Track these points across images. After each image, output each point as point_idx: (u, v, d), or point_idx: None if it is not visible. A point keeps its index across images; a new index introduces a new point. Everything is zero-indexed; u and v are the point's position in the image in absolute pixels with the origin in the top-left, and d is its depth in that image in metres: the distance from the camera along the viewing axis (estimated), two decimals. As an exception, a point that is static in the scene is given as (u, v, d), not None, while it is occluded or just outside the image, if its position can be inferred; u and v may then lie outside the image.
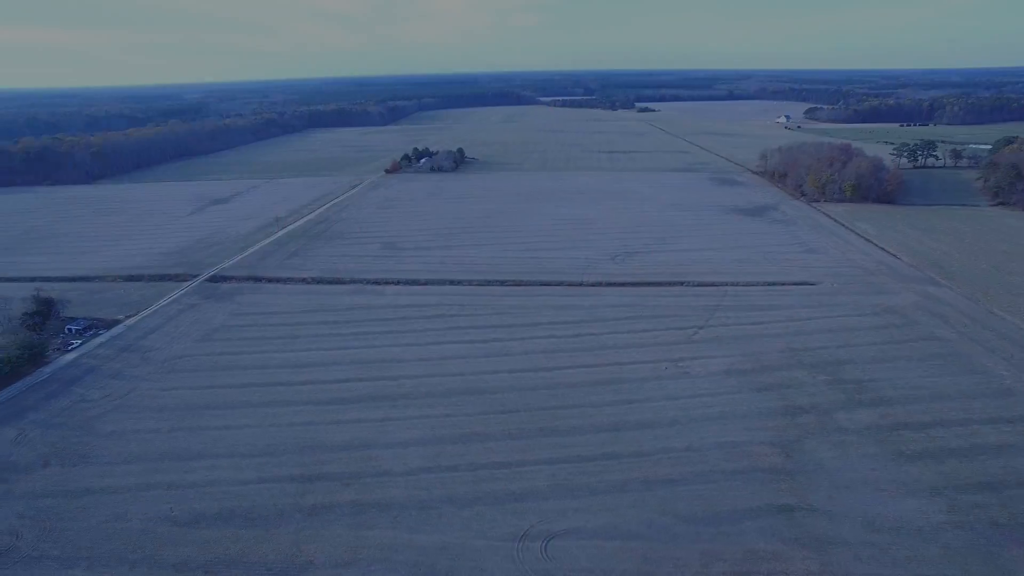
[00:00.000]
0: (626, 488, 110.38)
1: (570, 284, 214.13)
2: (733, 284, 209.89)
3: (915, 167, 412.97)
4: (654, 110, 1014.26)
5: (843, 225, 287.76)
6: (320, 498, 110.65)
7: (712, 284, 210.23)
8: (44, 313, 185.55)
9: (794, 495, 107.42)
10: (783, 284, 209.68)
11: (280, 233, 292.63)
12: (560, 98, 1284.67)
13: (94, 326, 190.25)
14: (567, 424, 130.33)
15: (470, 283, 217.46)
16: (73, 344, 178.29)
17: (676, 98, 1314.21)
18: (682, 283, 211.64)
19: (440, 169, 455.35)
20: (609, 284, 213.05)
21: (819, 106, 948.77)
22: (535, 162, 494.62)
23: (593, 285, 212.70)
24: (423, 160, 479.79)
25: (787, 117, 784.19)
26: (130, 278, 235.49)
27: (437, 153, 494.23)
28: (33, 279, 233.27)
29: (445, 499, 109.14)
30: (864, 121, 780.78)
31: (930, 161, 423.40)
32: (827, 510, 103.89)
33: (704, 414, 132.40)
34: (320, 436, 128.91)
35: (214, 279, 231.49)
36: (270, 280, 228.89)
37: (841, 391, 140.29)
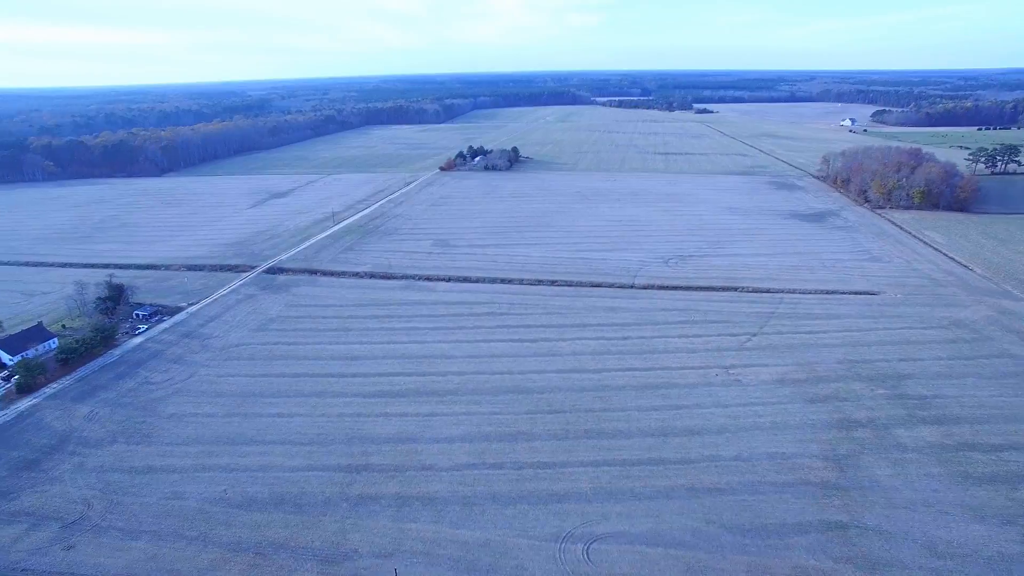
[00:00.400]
0: (671, 495, 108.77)
1: (621, 286, 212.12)
2: (789, 291, 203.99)
3: (993, 174, 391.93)
4: (712, 111, 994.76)
5: (909, 233, 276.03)
6: (365, 489, 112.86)
7: (767, 291, 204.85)
8: (115, 298, 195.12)
9: (847, 512, 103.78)
10: (842, 293, 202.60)
11: (335, 228, 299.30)
12: (616, 98, 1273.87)
13: (159, 312, 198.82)
14: (613, 427, 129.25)
15: (521, 282, 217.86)
16: (140, 329, 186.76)
17: (735, 99, 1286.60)
18: (736, 289, 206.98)
19: (494, 168, 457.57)
20: (661, 287, 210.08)
21: (887, 108, 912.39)
22: (589, 162, 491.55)
23: (644, 288, 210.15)
24: (477, 158, 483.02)
25: (852, 120, 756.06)
26: (193, 267, 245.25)
27: (491, 151, 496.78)
28: (106, 266, 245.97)
29: (488, 496, 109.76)
30: (937, 124, 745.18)
31: (1011, 167, 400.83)
32: (883, 530, 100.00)
33: (754, 423, 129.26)
34: (367, 428, 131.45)
35: (271, 271, 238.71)
36: (324, 273, 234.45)
37: (902, 406, 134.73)
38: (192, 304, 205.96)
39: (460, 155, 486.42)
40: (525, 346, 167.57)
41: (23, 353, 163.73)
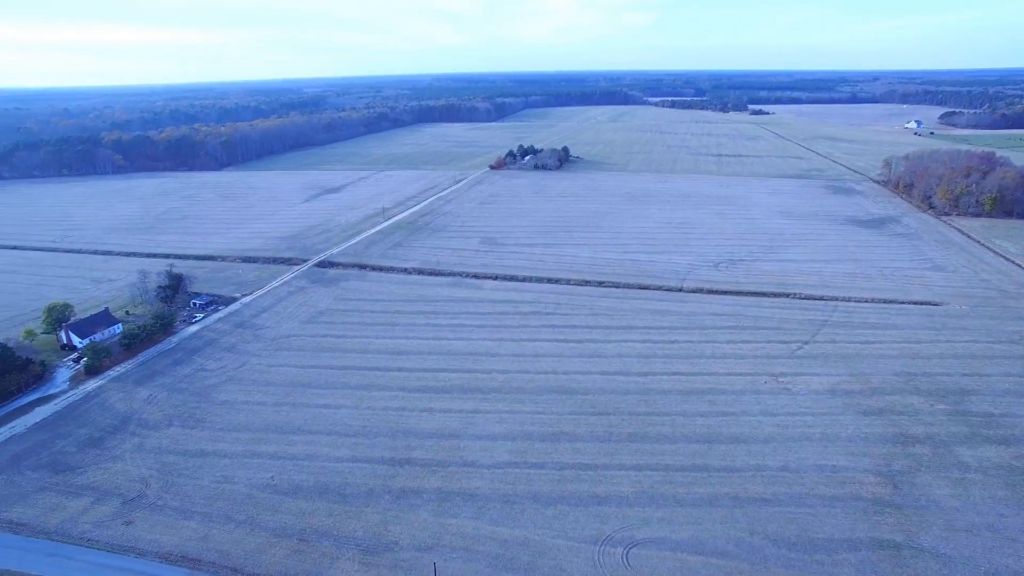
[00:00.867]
0: (714, 503, 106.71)
1: (669, 289, 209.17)
2: (844, 299, 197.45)
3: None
4: (768, 113, 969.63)
5: (978, 242, 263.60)
6: (408, 482, 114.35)
7: (820, 298, 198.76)
8: (174, 287, 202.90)
9: (901, 531, 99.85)
10: (901, 303, 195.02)
11: (385, 224, 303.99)
12: (669, 98, 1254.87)
13: (215, 302, 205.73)
14: (657, 431, 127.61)
15: (568, 282, 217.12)
16: (196, 317, 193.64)
17: (793, 100, 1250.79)
18: (788, 295, 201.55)
19: (544, 167, 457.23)
20: (710, 291, 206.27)
21: (957, 110, 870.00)
22: (640, 163, 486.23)
23: (693, 291, 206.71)
24: (527, 157, 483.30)
25: (917, 122, 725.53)
26: (247, 259, 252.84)
27: (542, 151, 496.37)
28: (167, 256, 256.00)
29: (529, 495, 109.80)
30: (1014, 127, 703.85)
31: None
32: (941, 553, 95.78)
33: (803, 433, 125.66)
34: (411, 422, 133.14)
35: (322, 264, 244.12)
36: (374, 268, 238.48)
37: (964, 423, 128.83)
38: (246, 295, 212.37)
39: (510, 154, 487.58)
40: (570, 346, 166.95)
41: (91, 337, 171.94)
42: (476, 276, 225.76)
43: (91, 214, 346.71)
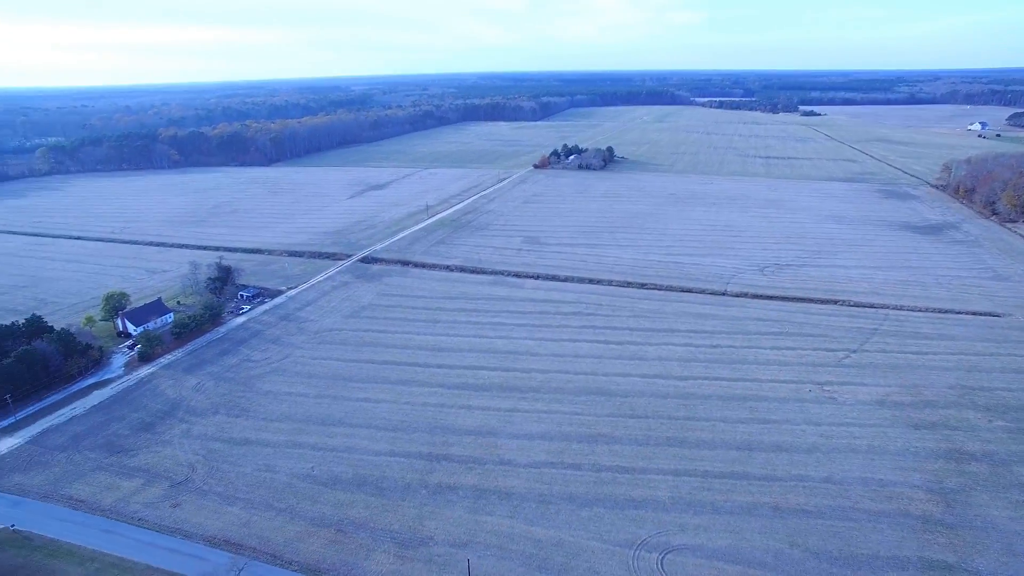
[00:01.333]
0: (753, 512, 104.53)
1: (713, 293, 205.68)
2: (895, 308, 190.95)
3: None
4: (819, 114, 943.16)
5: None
6: (444, 478, 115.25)
7: (871, 305, 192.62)
8: (223, 279, 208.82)
9: (954, 552, 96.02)
10: (958, 313, 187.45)
11: (429, 221, 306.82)
12: (717, 99, 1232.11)
13: (261, 295, 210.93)
14: (696, 437, 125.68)
15: (610, 283, 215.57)
16: (243, 309, 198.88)
17: (847, 101, 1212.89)
18: (836, 302, 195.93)
19: (588, 167, 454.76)
20: (754, 296, 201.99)
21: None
22: (685, 164, 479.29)
23: (737, 296, 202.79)
24: (572, 157, 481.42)
25: (982, 124, 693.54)
26: (293, 253, 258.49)
27: (586, 151, 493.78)
28: (217, 248, 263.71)
29: (565, 496, 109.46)
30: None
31: None
32: None
33: (848, 445, 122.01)
34: (449, 419, 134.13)
35: (366, 260, 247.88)
36: (416, 265, 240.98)
37: None
38: (291, 288, 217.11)
39: (554, 153, 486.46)
40: (610, 348, 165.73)
41: (145, 325, 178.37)
42: (518, 275, 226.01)
43: (147, 207, 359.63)
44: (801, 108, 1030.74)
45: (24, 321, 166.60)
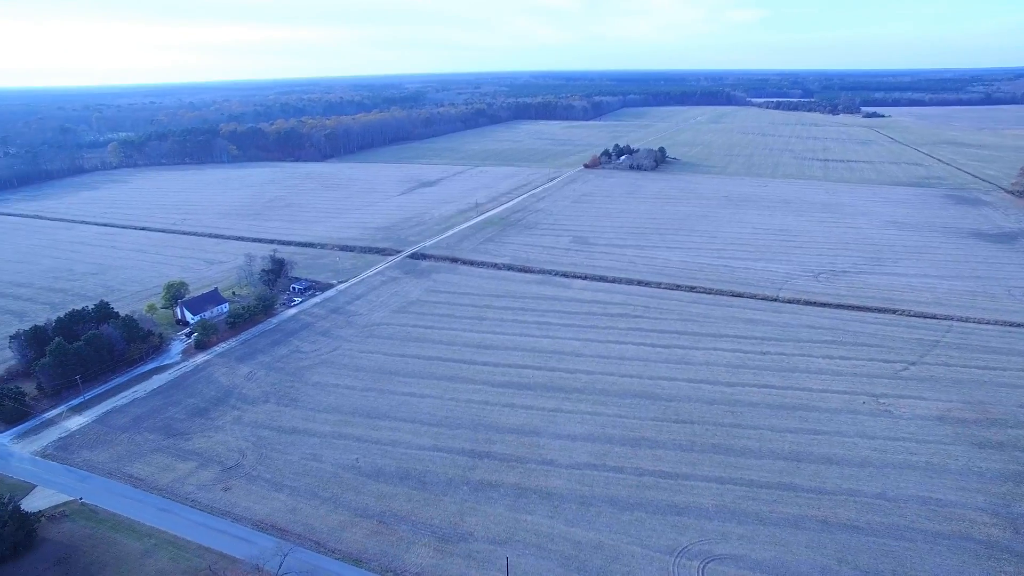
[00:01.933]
0: (800, 524, 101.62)
1: (764, 298, 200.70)
2: (960, 319, 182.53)
3: None
4: (883, 115, 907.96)
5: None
6: (486, 475, 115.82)
7: (933, 316, 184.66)
8: (277, 272, 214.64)
9: None
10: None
11: (478, 219, 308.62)
12: (774, 99, 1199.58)
13: (312, 287, 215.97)
14: (742, 444, 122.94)
15: (658, 285, 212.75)
16: (295, 301, 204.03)
17: (914, 102, 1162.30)
18: (895, 311, 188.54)
19: (639, 167, 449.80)
20: (807, 303, 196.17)
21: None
22: (739, 166, 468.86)
23: (789, 302, 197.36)
24: (623, 157, 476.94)
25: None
26: (344, 248, 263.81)
27: (638, 151, 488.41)
28: (272, 241, 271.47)
29: (606, 499, 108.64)
30: None
31: None
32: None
33: (905, 461, 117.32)
34: (493, 416, 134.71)
35: (415, 256, 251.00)
36: (465, 262, 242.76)
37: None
38: (342, 282, 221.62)
39: (605, 153, 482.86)
40: (657, 351, 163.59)
41: (202, 314, 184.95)
42: (565, 275, 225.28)
43: (207, 199, 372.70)
44: (863, 109, 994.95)
45: (93, 307, 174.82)
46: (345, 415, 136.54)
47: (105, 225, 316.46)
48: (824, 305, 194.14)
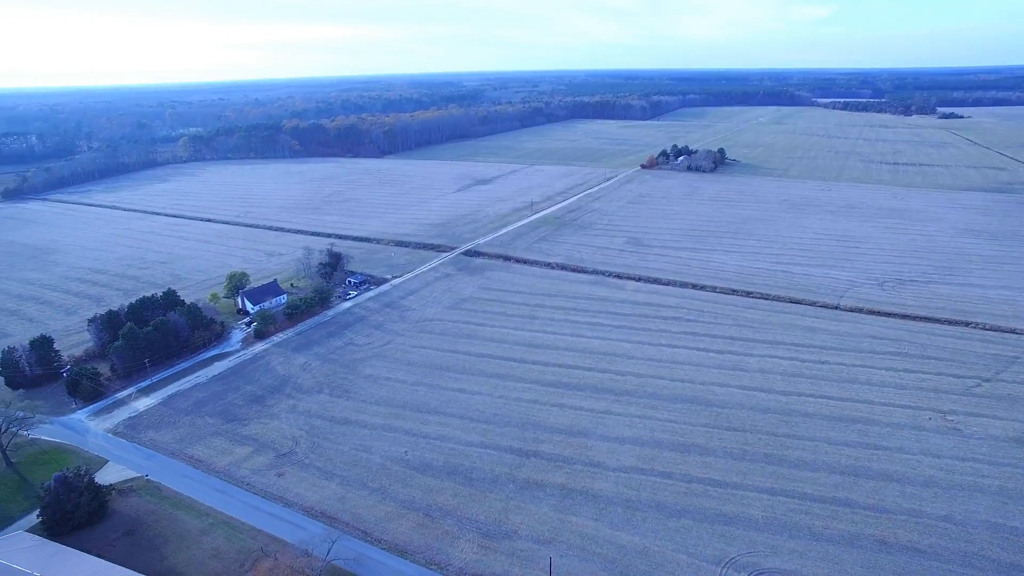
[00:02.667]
0: (856, 542, 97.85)
1: (824, 305, 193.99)
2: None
3: None
4: (962, 116, 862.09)
5: None
6: (533, 474, 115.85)
7: (1011, 331, 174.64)
8: (333, 265, 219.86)
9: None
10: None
11: (532, 217, 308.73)
12: (841, 100, 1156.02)
13: (368, 281, 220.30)
14: (796, 456, 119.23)
15: (713, 289, 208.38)
16: (350, 295, 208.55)
17: (998, 102, 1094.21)
18: (967, 324, 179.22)
19: (698, 168, 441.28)
20: (870, 312, 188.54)
21: None
22: (802, 169, 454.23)
23: (851, 310, 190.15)
24: (681, 158, 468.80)
25: None
26: (400, 243, 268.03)
27: (696, 152, 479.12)
28: (329, 235, 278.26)
29: (653, 504, 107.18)
30: None
31: None
32: None
33: (974, 483, 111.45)
34: (542, 416, 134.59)
35: (469, 253, 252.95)
36: (518, 261, 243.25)
37: None
38: (396, 277, 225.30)
39: (663, 153, 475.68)
40: (710, 356, 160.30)
41: (261, 304, 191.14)
42: (619, 276, 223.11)
43: (269, 193, 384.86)
44: (939, 110, 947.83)
45: (162, 294, 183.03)
46: (395, 408, 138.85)
47: (174, 216, 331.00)
48: (889, 315, 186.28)
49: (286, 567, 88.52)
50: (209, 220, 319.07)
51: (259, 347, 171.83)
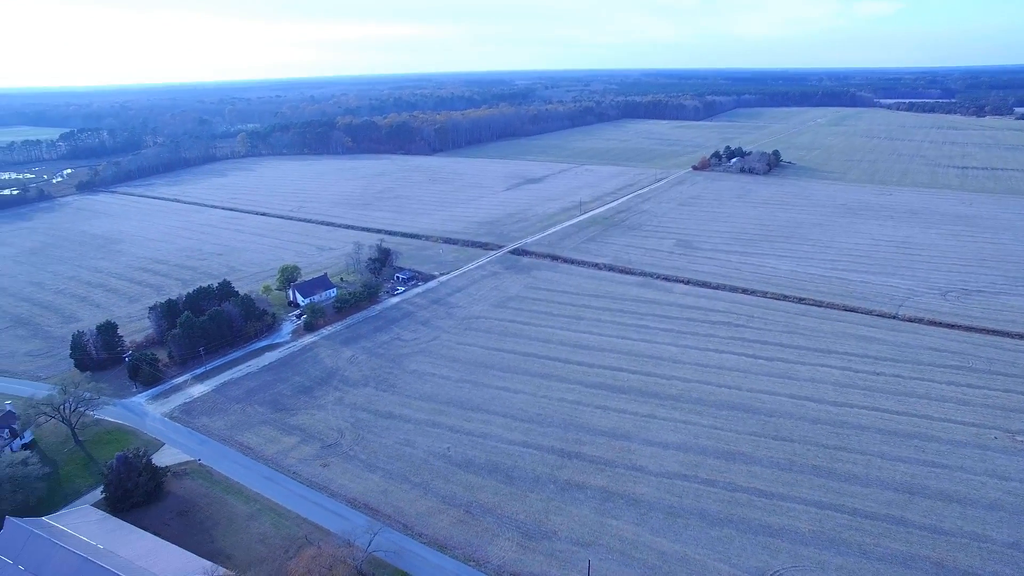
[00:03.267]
0: (911, 564, 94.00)
1: (881, 315, 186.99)
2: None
3: None
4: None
5: None
6: (574, 475, 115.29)
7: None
8: (382, 261, 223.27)
9: None
10: None
11: (581, 217, 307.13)
12: (906, 100, 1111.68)
13: (415, 278, 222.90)
14: (847, 469, 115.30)
15: (764, 295, 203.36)
16: (398, 290, 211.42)
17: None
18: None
19: (751, 171, 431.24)
20: (931, 323, 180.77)
21: None
22: (861, 172, 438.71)
23: (910, 320, 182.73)
24: (734, 160, 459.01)
25: None
26: (448, 240, 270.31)
27: (750, 153, 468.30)
28: (379, 231, 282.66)
29: (695, 512, 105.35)
30: None
31: None
32: None
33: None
34: (584, 417, 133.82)
35: (516, 252, 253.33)
36: (565, 260, 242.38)
37: None
38: (443, 274, 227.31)
39: (715, 155, 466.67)
40: (759, 363, 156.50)
41: (311, 297, 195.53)
42: (667, 279, 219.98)
43: (322, 188, 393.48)
44: (1016, 110, 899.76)
45: (217, 285, 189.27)
46: (439, 404, 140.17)
47: (231, 209, 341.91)
48: (952, 326, 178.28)
49: (328, 556, 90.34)
50: (264, 214, 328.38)
51: (308, 339, 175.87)
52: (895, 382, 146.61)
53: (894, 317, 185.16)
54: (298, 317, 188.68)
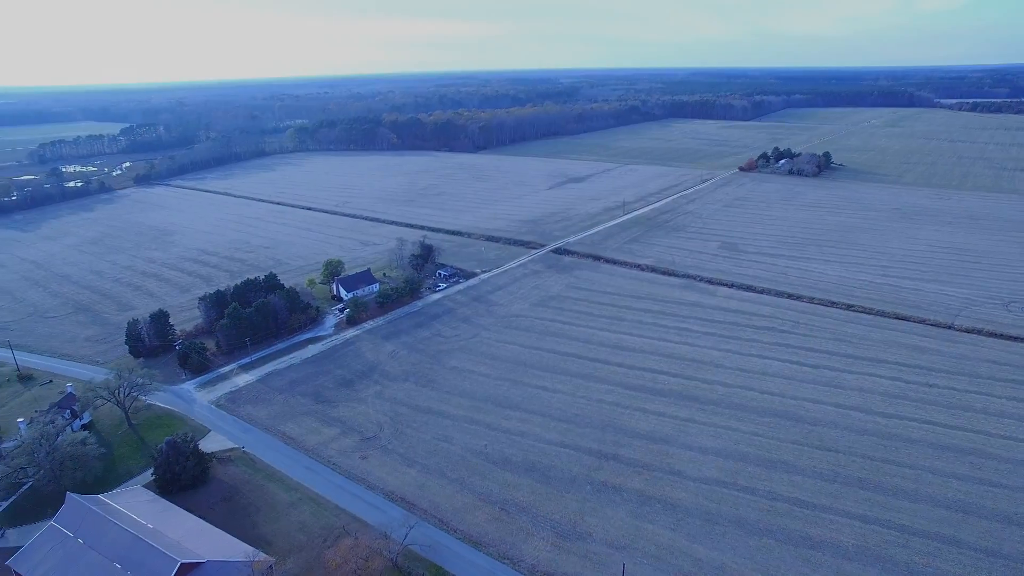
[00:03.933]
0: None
1: (935, 324, 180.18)
2: None
3: None
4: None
5: None
6: (610, 477, 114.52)
7: None
8: (425, 257, 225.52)
9: None
10: None
11: (624, 218, 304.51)
12: (969, 100, 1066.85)
13: (457, 275, 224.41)
14: (894, 484, 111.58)
15: (811, 300, 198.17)
16: (440, 287, 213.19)
17: None
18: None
19: (800, 172, 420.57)
20: (990, 334, 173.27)
21: None
22: (917, 175, 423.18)
23: (966, 331, 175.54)
24: (782, 161, 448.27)
25: None
26: (490, 238, 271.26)
27: (799, 155, 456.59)
28: (422, 227, 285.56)
29: (733, 519, 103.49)
30: None
31: None
32: None
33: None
34: (623, 419, 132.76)
35: (558, 251, 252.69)
36: (607, 261, 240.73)
37: None
38: (485, 272, 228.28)
39: (763, 156, 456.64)
40: (804, 371, 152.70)
41: (354, 292, 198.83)
42: (711, 281, 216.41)
43: (366, 184, 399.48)
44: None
45: (264, 277, 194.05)
46: (478, 401, 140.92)
47: (278, 204, 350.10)
48: (1014, 339, 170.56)
49: (365, 547, 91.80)
50: (310, 208, 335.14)
51: (350, 333, 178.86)
52: (949, 395, 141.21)
53: (950, 327, 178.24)
54: (341, 311, 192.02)
